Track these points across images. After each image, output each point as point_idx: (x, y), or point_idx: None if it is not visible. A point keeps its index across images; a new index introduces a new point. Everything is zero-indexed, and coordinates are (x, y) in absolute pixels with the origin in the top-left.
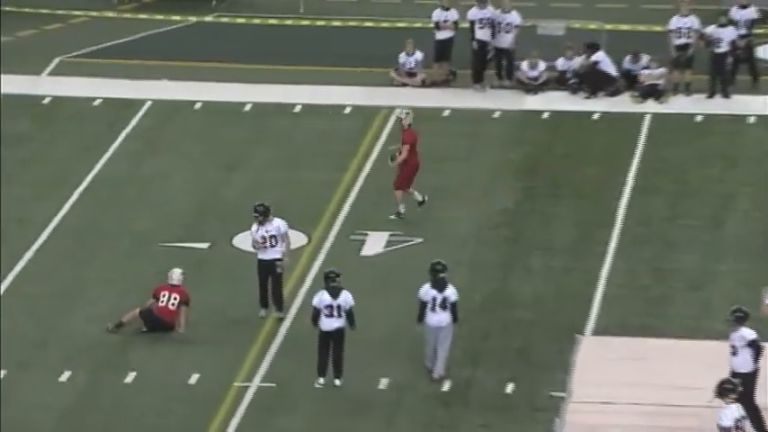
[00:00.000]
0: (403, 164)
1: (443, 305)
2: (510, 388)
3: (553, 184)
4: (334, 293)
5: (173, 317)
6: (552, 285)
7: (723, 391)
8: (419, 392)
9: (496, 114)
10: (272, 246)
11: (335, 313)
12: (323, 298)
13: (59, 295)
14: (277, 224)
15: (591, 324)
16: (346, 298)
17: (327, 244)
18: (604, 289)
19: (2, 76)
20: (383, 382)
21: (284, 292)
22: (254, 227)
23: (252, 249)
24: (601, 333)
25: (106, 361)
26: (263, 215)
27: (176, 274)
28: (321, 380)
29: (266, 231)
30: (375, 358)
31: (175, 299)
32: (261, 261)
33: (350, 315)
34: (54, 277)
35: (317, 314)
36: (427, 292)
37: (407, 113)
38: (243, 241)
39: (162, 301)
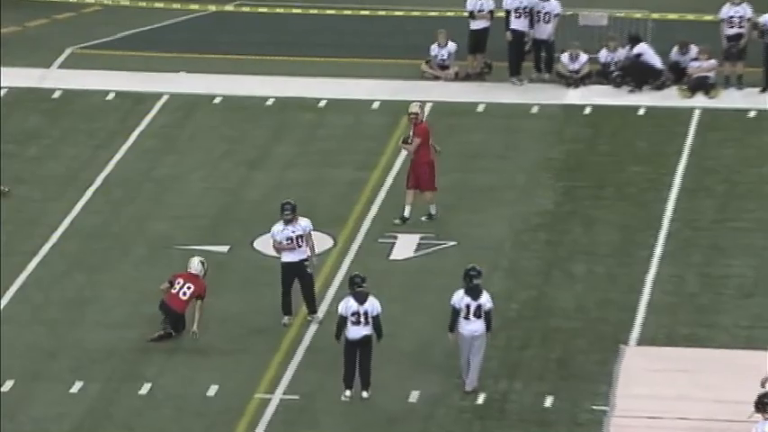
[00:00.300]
0: (420, 164)
1: (477, 313)
2: (549, 401)
3: (595, 184)
4: (361, 299)
5: (182, 306)
6: (595, 292)
7: (762, 405)
8: (452, 406)
9: (535, 109)
10: (299, 246)
11: (362, 320)
12: (349, 305)
13: (70, 302)
14: (304, 224)
15: (636, 333)
16: (373, 304)
17: (354, 247)
18: (650, 296)
19: (10, 69)
20: (414, 395)
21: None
22: (279, 227)
23: (273, 253)
24: (646, 343)
25: (119, 371)
26: (294, 212)
27: (194, 263)
28: (348, 392)
29: (292, 231)
30: (405, 369)
31: (189, 288)
32: (287, 264)
33: (377, 322)
34: (64, 283)
35: (342, 323)
36: (461, 299)
37: (421, 106)
38: (264, 244)
39: (174, 289)
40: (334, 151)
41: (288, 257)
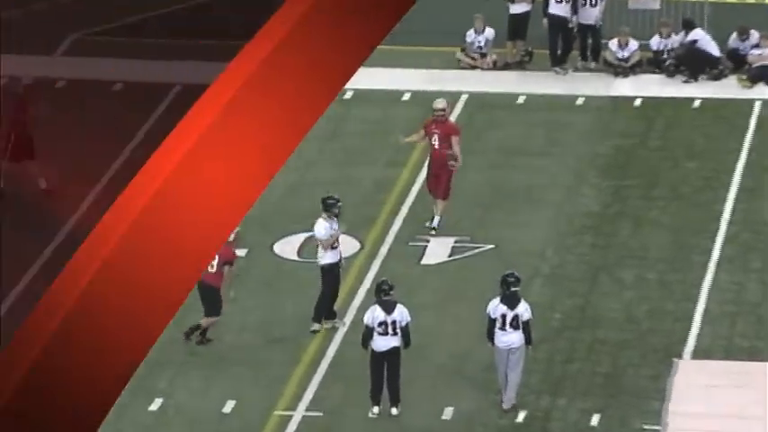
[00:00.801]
0: (442, 165)
1: (514, 324)
2: (596, 420)
3: (646, 182)
4: (388, 308)
5: (214, 280)
6: (645, 301)
7: None
8: (489, 424)
9: (580, 101)
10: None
11: (390, 331)
12: (375, 314)
13: None
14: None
15: (690, 346)
16: (402, 313)
17: (383, 251)
18: (706, 305)
19: (8, 56)
20: (447, 412)
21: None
22: (325, 224)
23: (294, 257)
24: (702, 356)
25: (128, 385)
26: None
27: None
28: (375, 408)
29: (335, 229)
30: (438, 384)
31: (214, 258)
32: (331, 265)
33: (405, 332)
34: None
35: (368, 333)
36: (496, 307)
37: (448, 102)
38: (284, 248)
39: None
40: (361, 147)
41: (331, 258)
